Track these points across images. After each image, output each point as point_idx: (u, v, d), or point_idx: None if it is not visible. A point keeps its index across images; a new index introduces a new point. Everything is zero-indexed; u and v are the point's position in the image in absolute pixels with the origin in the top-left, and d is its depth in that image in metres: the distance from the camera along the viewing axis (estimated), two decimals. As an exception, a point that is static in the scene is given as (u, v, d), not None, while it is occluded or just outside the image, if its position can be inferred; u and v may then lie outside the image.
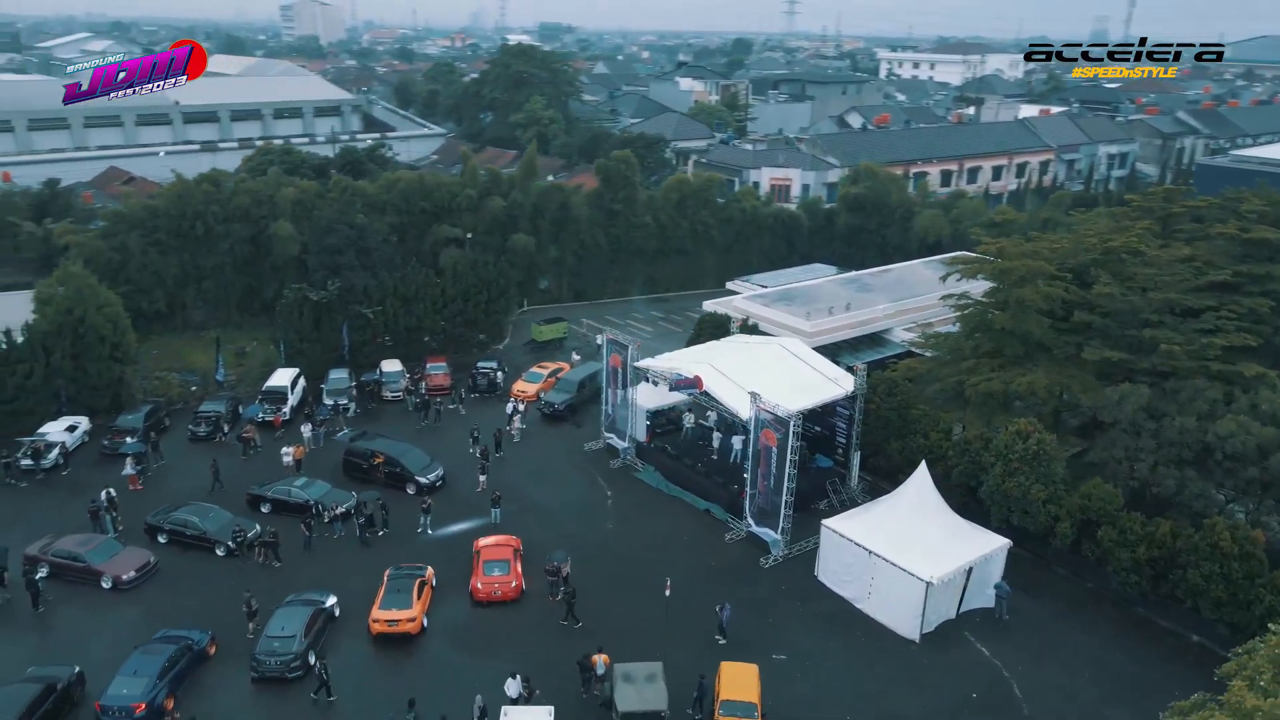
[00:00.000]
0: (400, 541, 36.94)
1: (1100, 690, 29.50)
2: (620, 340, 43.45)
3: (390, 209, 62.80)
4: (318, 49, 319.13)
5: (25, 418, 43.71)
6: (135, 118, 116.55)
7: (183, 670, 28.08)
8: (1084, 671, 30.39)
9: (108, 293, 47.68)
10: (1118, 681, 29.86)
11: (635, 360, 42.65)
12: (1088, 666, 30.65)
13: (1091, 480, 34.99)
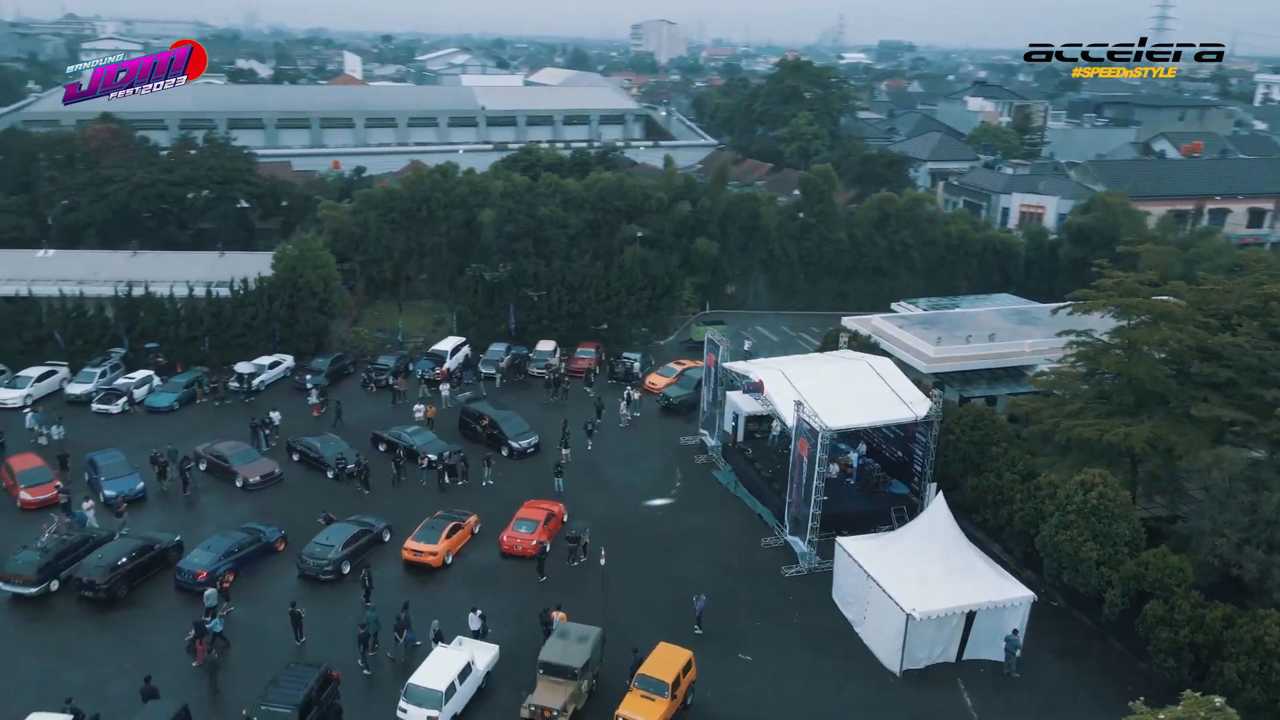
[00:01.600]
0: (474, 491, 41.43)
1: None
2: (715, 340, 44.88)
3: (588, 206, 68.19)
4: (651, 65, 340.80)
5: (246, 351, 54.11)
6: (449, 119, 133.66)
7: (248, 555, 34.48)
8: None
9: (326, 256, 57.39)
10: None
11: (725, 361, 43.89)
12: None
13: (1158, 549, 31.10)
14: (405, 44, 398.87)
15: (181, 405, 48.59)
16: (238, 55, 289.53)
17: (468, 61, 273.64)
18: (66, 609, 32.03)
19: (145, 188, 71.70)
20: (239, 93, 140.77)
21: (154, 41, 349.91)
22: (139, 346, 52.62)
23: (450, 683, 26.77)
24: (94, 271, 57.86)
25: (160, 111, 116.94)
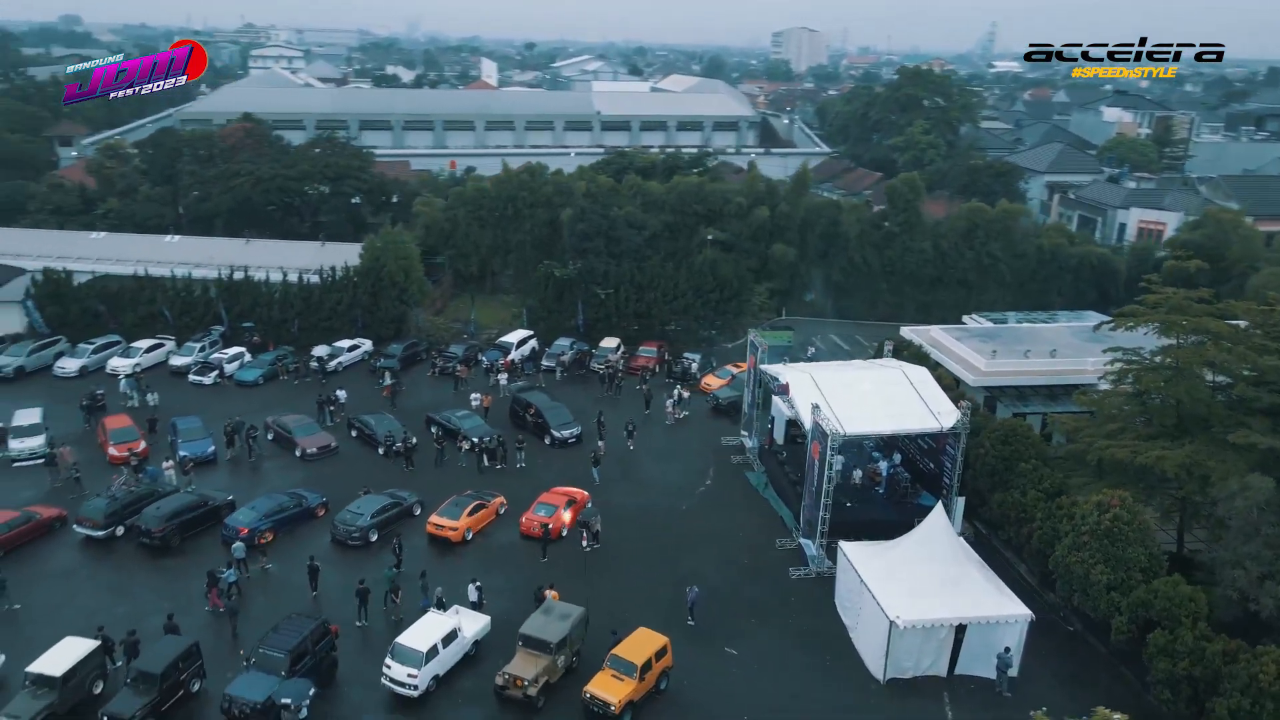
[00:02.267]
0: (510, 475, 43.31)
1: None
2: (756, 342, 45.25)
3: (668, 208, 69.45)
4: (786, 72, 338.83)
5: (331, 333, 58.06)
6: (564, 123, 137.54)
7: (288, 517, 37.44)
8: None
9: (410, 248, 60.85)
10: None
11: (763, 363, 44.22)
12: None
13: (1171, 577, 29.68)
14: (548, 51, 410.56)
15: (265, 381, 52.66)
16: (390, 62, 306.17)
17: (600, 68, 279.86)
18: (127, 552, 35.71)
19: (266, 182, 77.61)
20: (371, 96, 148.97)
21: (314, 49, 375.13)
22: (237, 325, 57.28)
23: (433, 645, 28.50)
24: (209, 256, 63.39)
25: (299, 112, 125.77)
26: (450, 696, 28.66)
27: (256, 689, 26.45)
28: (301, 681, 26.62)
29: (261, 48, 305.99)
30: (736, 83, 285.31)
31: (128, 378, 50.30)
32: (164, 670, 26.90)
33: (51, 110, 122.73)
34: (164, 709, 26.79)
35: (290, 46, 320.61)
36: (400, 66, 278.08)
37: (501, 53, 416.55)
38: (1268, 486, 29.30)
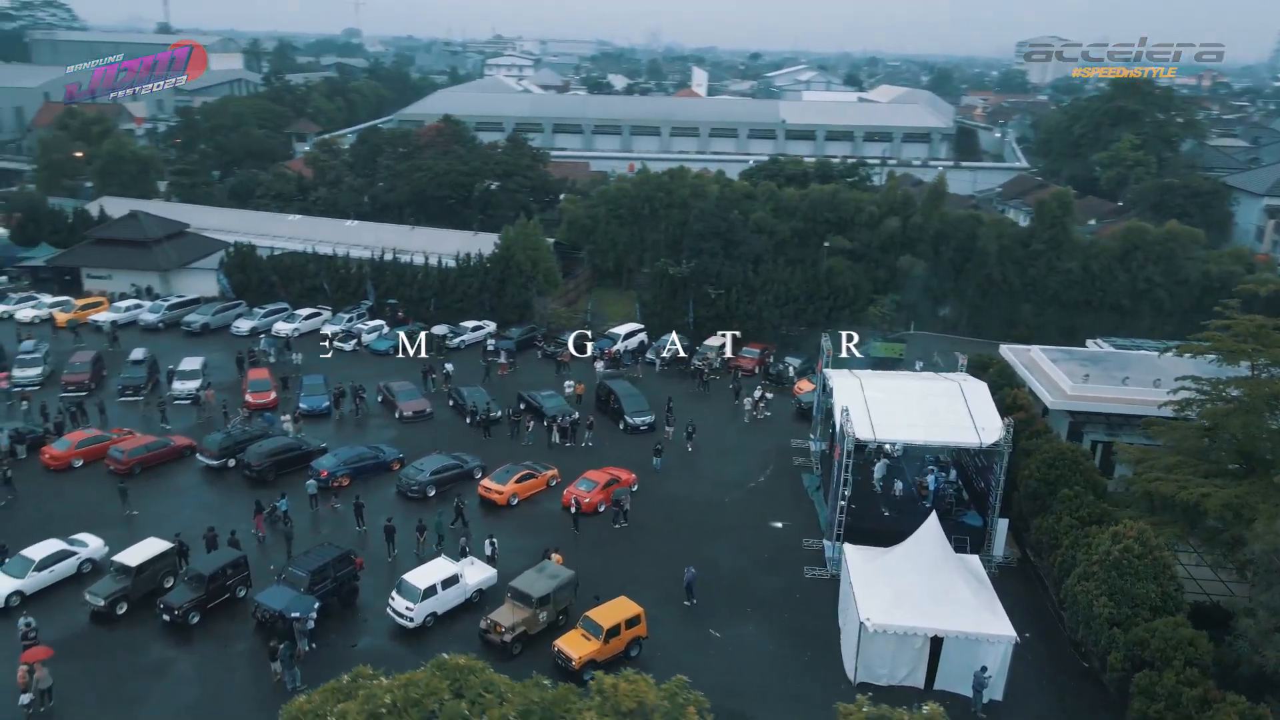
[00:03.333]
0: (576, 452, 46.09)
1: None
2: (824, 345, 45.40)
3: (799, 215, 69.77)
4: (1021, 84, 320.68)
5: (462, 314, 63.48)
6: (748, 130, 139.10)
7: (365, 467, 42.19)
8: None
9: (540, 240, 65.24)
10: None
11: (827, 366, 44.36)
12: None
13: (1174, 618, 27.73)
14: (776, 61, 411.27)
15: (396, 351, 58.57)
16: (619, 71, 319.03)
17: (814, 79, 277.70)
18: (233, 480, 41.79)
19: (440, 176, 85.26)
20: (565, 101, 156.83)
21: (549, 58, 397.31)
22: (383, 301, 63.98)
23: (432, 585, 31.75)
24: (377, 239, 71.03)
25: (499, 116, 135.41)
26: (443, 633, 31.73)
27: (277, 599, 30.79)
28: (309, 598, 30.62)
29: (497, 57, 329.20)
30: (962, 94, 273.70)
31: (267, 337, 57.85)
32: (212, 574, 31.89)
33: (296, 110, 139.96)
34: (209, 606, 31.69)
35: (523, 56, 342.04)
36: (620, 75, 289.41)
37: (729, 63, 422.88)
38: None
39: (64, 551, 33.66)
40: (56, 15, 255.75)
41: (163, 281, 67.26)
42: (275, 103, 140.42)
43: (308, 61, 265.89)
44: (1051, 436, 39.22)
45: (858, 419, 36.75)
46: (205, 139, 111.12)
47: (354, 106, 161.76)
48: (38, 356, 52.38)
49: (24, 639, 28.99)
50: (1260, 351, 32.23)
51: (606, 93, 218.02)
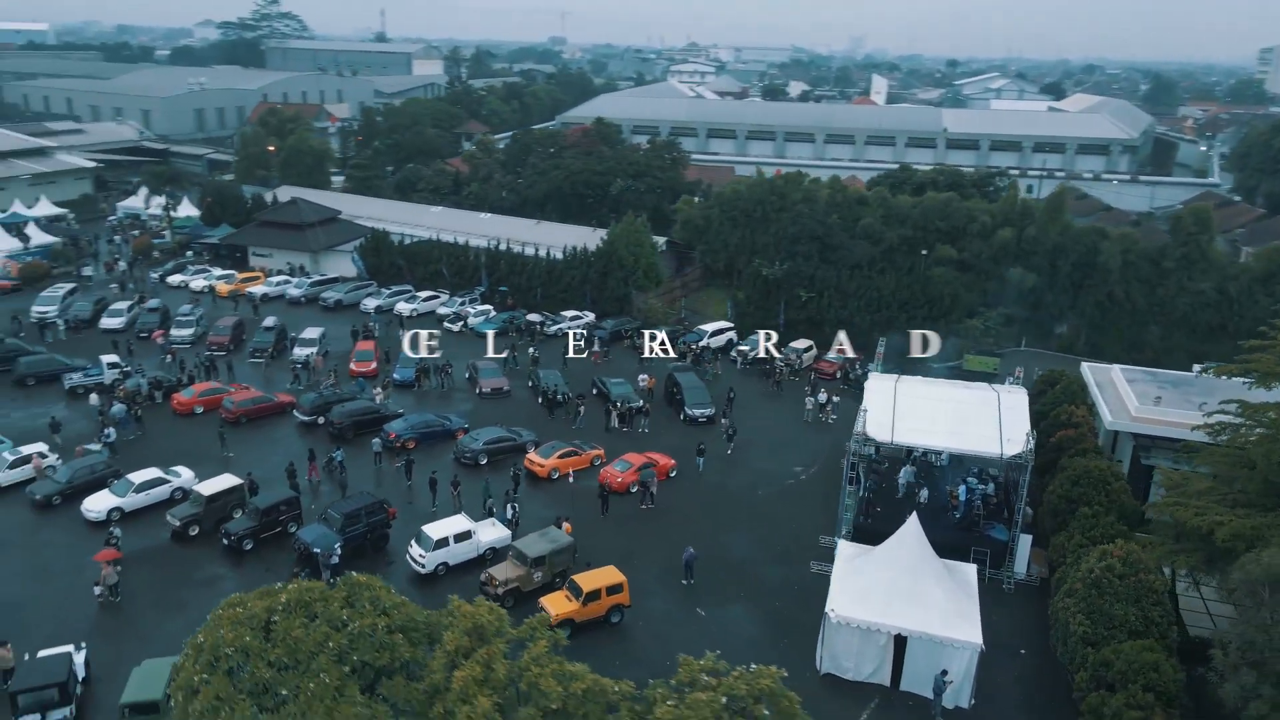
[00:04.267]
0: (632, 437, 48.21)
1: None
2: (879, 348, 45.26)
3: (909, 222, 68.57)
4: (1256, 93, 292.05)
5: (565, 304, 67.02)
6: (906, 139, 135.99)
7: (431, 433, 46.19)
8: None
9: (644, 237, 67.73)
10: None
11: (876, 369, 44.27)
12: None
13: (1144, 641, 26.63)
14: (974, 69, 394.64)
15: (496, 334, 62.83)
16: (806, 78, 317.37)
17: (1004, 86, 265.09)
18: (319, 435, 46.91)
19: (575, 175, 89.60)
20: (721, 107, 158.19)
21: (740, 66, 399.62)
22: (495, 288, 68.59)
23: (445, 537, 34.94)
24: (503, 231, 75.98)
25: (655, 120, 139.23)
26: (450, 582, 34.73)
27: (311, 535, 34.94)
28: (333, 535, 34.55)
29: (683, 63, 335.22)
30: (1180, 104, 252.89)
31: (375, 312, 63.56)
32: (266, 509, 36.56)
33: (471, 111, 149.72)
34: (262, 536, 36.33)
35: (709, 62, 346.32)
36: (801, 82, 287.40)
37: (927, 70, 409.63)
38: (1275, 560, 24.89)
39: (160, 479, 39.42)
40: (290, 26, 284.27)
41: (312, 261, 75.08)
42: (453, 105, 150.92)
43: (501, 68, 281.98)
44: (1094, 456, 37.46)
45: (877, 421, 36.87)
46: (382, 137, 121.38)
47: (529, 109, 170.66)
48: (192, 319, 60.33)
49: (107, 544, 34.54)
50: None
51: (781, 99, 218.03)
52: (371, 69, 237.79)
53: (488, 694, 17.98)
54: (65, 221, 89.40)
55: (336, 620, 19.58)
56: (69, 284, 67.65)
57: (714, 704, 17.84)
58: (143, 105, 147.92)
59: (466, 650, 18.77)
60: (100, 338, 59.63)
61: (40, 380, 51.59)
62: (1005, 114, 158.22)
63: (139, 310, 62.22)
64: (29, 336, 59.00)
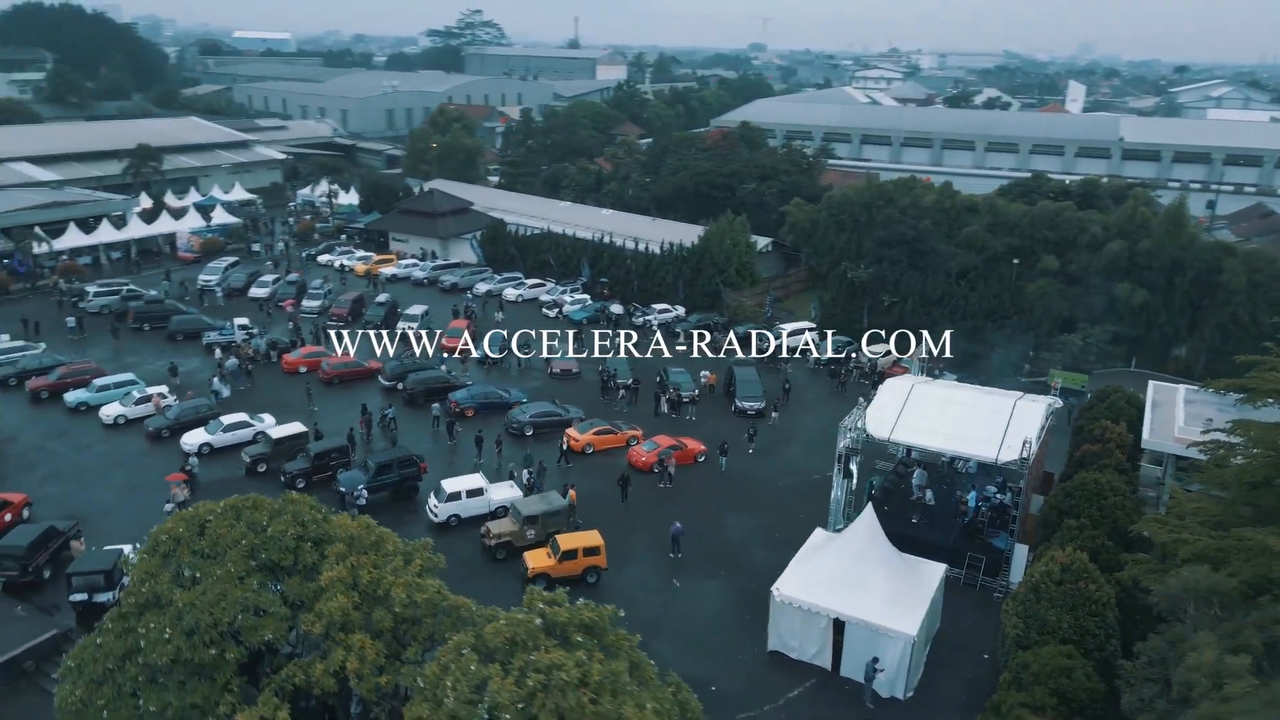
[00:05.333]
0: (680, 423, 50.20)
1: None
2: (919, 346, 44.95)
3: (1016, 231, 66.17)
4: None
5: (658, 297, 69.56)
6: (1076, 148, 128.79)
7: (490, 403, 50.17)
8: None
9: (740, 236, 69.19)
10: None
11: (917, 372, 44.04)
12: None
13: (1061, 648, 26.20)
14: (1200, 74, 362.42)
15: (588, 322, 66.35)
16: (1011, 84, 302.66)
17: (1226, 94, 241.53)
18: (397, 399, 51.95)
19: (700, 176, 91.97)
20: (876, 113, 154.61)
21: (937, 72, 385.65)
22: (596, 279, 72.19)
23: (457, 491, 38.55)
24: (619, 227, 79.61)
25: (807, 125, 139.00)
26: (460, 532, 38.27)
27: (347, 479, 39.57)
28: (358, 475, 39.05)
29: (869, 70, 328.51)
30: None
31: (474, 296, 68.45)
32: (318, 454, 41.63)
33: (632, 115, 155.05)
34: (314, 477, 41.35)
35: (895, 68, 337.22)
36: (993, 89, 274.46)
37: (1152, 77, 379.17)
38: (1203, 578, 23.87)
39: (245, 423, 45.50)
40: (490, 33, 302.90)
41: (441, 247, 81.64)
42: (616, 108, 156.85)
43: (684, 73, 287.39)
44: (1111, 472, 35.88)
45: (878, 419, 37.19)
46: (539, 136, 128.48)
47: (693, 113, 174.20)
48: (320, 293, 67.74)
49: (181, 470, 40.62)
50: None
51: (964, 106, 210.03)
52: (558, 74, 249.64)
53: (347, 594, 21.05)
54: (253, 205, 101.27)
55: (258, 525, 23.28)
56: (233, 258, 77.37)
57: (529, 624, 20.00)
58: (342, 106, 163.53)
59: (343, 557, 21.95)
60: (249, 304, 68.20)
61: (187, 336, 59.97)
62: (1196, 124, 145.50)
63: (281, 282, 70.38)
64: (191, 300, 68.37)
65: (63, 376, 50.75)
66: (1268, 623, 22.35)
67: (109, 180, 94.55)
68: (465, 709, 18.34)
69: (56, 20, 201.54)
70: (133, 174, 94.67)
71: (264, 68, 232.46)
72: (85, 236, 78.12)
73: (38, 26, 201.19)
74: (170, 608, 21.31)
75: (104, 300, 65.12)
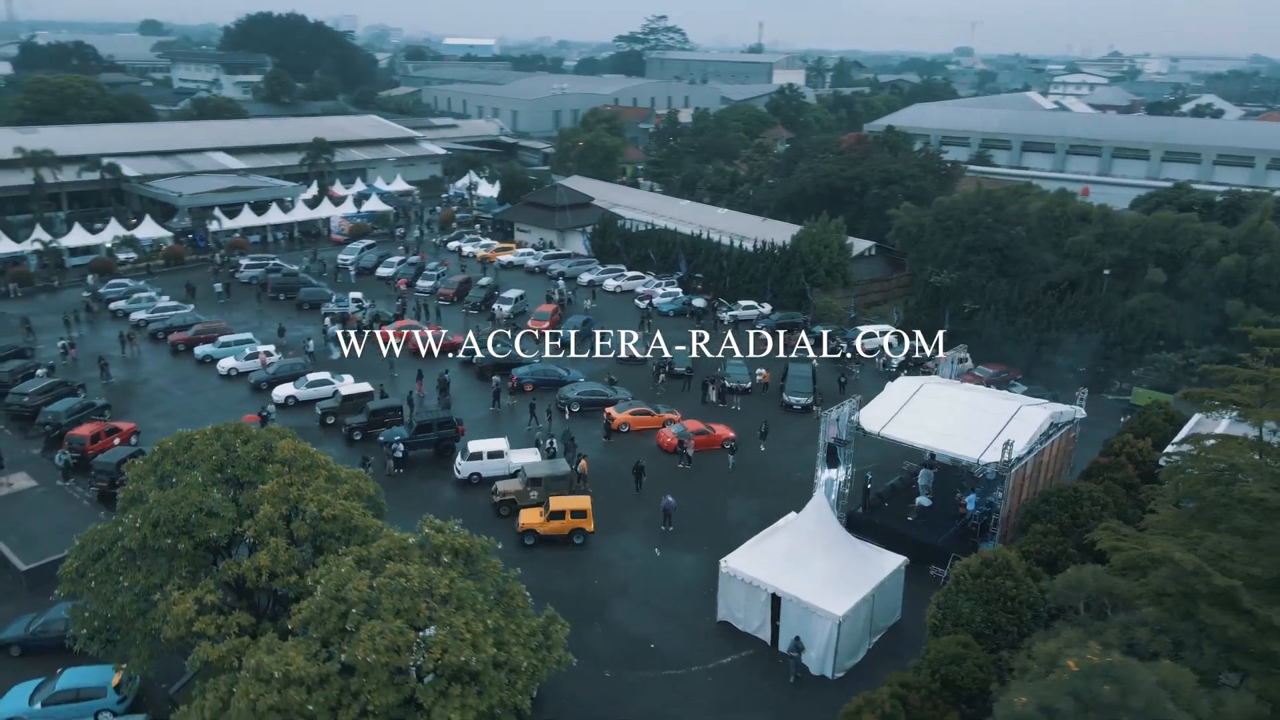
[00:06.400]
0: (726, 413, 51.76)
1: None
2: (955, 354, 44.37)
3: (1127, 243, 62.59)
4: None
5: (747, 294, 70.82)
6: (1268, 160, 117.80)
7: (548, 380, 53.69)
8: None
9: (834, 238, 69.29)
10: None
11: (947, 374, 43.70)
12: None
13: (958, 636, 26.35)
14: None
15: (675, 315, 68.72)
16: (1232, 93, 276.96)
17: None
18: (470, 370, 56.48)
19: (821, 178, 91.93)
20: (1040, 119, 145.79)
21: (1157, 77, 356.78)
22: (691, 274, 74.33)
23: (479, 453, 42.18)
24: (730, 226, 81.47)
25: (965, 131, 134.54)
26: (480, 490, 41.89)
27: (388, 433, 44.19)
28: (400, 430, 43.46)
29: (1070, 74, 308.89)
30: None
31: (566, 282, 72.13)
32: (374, 410, 46.63)
33: (788, 119, 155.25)
34: (369, 431, 46.30)
35: (1099, 74, 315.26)
36: (1213, 95, 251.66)
37: None
38: (1090, 578, 23.54)
39: (326, 380, 51.30)
40: (673, 38, 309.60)
41: (559, 238, 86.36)
42: (774, 112, 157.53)
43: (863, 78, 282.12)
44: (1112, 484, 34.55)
45: (873, 413, 37.61)
46: (688, 138, 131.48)
47: (856, 118, 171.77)
48: (435, 275, 73.87)
49: (260, 416, 46.61)
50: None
51: (1166, 114, 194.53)
52: (734, 78, 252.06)
53: (275, 505, 24.87)
54: (410, 196, 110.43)
55: (232, 446, 27.58)
56: (371, 241, 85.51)
57: (404, 542, 22.99)
58: (514, 107, 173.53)
59: (280, 475, 25.81)
60: (375, 282, 75.39)
61: (312, 306, 67.42)
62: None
63: (403, 264, 77.23)
64: (328, 276, 76.33)
65: (197, 333, 58.86)
66: (1133, 625, 21.90)
67: (288, 170, 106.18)
68: (328, 601, 21.56)
69: (282, 29, 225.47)
70: (308, 164, 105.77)
71: (457, 71, 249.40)
72: (256, 218, 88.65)
73: (266, 35, 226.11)
74: (145, 503, 25.89)
75: (252, 273, 74.16)
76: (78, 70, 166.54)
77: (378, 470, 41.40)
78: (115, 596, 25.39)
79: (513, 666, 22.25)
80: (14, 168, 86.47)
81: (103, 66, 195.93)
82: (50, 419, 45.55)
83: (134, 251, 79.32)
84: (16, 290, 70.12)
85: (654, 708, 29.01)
